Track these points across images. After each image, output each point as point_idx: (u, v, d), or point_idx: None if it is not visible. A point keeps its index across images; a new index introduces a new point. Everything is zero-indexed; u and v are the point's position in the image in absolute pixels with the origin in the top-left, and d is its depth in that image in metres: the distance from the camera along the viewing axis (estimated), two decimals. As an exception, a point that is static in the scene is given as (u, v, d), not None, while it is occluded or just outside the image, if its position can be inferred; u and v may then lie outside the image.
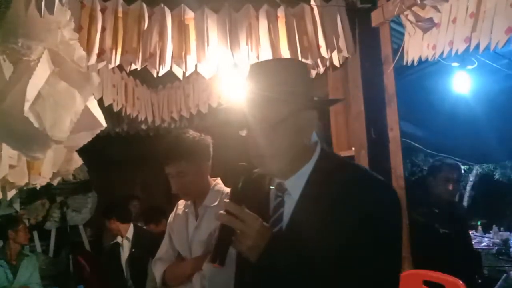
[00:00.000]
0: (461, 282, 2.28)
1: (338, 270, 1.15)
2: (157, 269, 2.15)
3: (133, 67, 2.59)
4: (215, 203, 2.02)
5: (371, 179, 1.29)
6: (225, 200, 1.27)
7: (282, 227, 1.30)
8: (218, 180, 2.14)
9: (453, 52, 2.32)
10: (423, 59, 2.57)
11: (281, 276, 1.20)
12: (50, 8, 1.74)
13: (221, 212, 1.22)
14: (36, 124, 1.75)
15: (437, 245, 3.13)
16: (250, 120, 1.29)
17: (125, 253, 4.13)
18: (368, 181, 1.28)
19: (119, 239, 4.18)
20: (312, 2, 2.73)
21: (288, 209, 1.31)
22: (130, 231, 4.14)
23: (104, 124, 2.26)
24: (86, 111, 2.15)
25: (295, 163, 1.31)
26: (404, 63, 2.69)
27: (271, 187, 1.40)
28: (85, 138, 2.27)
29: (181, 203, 2.21)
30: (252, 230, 1.19)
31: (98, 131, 2.28)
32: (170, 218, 2.25)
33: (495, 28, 2.05)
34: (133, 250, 4.03)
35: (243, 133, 1.32)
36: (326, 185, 1.26)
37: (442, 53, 2.40)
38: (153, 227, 4.71)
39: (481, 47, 2.13)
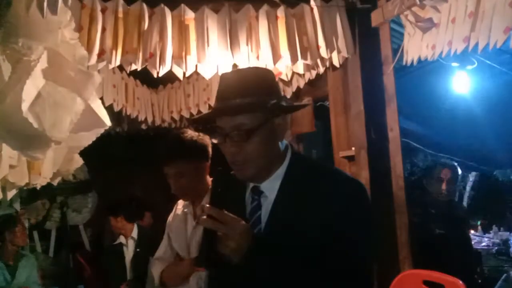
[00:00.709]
0: (461, 282, 2.28)
1: (317, 266, 1.21)
2: (155, 269, 2.15)
3: (133, 67, 2.60)
4: None
5: (341, 176, 1.41)
6: (205, 205, 1.28)
7: (261, 229, 1.35)
8: None
9: (452, 52, 2.33)
10: (422, 59, 2.57)
11: (263, 276, 1.23)
12: (53, 8, 1.74)
13: (203, 217, 1.23)
14: (35, 125, 1.75)
15: (434, 245, 3.14)
16: (225, 128, 1.32)
17: (130, 253, 4.13)
18: (338, 178, 1.39)
19: (122, 239, 4.18)
20: (312, 3, 2.73)
21: (265, 211, 1.36)
22: (134, 231, 4.15)
23: (109, 123, 2.27)
24: (90, 110, 2.15)
25: (270, 166, 1.37)
26: (404, 63, 2.70)
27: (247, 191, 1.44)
28: (89, 137, 2.27)
29: (180, 203, 2.21)
30: (235, 232, 1.21)
31: (102, 131, 2.29)
32: (170, 218, 2.25)
33: (494, 28, 2.06)
34: (138, 250, 4.03)
35: (215, 140, 1.37)
36: (300, 185, 1.33)
37: (442, 53, 2.40)
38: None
39: (480, 47, 2.13)
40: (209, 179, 2.11)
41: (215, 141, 1.37)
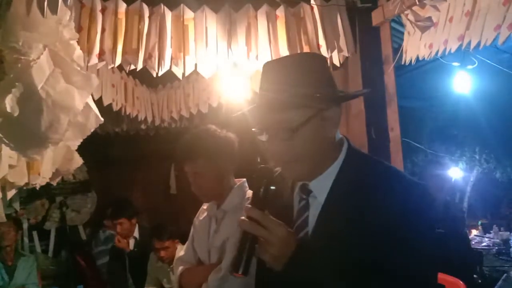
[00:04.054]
0: (461, 282, 2.27)
1: (369, 277, 1.08)
2: (176, 269, 2.07)
3: (133, 67, 2.59)
4: (234, 207, 1.88)
5: (403, 180, 1.20)
6: (246, 205, 1.16)
7: (308, 232, 1.21)
8: (243, 181, 1.98)
9: (447, 51, 2.32)
10: (420, 58, 2.57)
11: (308, 286, 1.11)
12: (53, 8, 1.73)
13: (243, 218, 1.13)
14: (31, 126, 1.75)
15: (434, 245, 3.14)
16: (268, 124, 1.18)
17: None
18: (400, 182, 1.19)
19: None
20: (312, 2, 2.72)
21: (313, 213, 1.22)
22: (136, 230, 4.15)
23: (101, 119, 2.26)
24: (88, 109, 2.15)
25: (320, 164, 1.23)
26: (403, 63, 2.69)
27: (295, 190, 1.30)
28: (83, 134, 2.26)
29: (206, 204, 2.08)
30: (277, 237, 1.10)
31: (97, 126, 2.27)
32: (196, 218, 2.13)
33: (486, 26, 2.05)
34: (135, 249, 4.03)
35: (263, 138, 1.21)
36: (355, 186, 1.17)
37: (438, 51, 2.40)
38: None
39: (472, 45, 2.13)
40: (234, 181, 1.97)
41: (262, 138, 1.21)
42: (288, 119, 1.15)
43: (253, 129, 1.23)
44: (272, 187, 1.20)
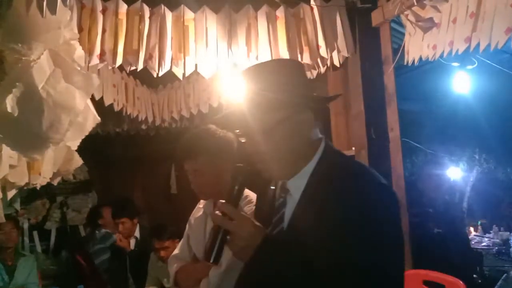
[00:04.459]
0: (461, 282, 2.28)
1: (335, 274, 1.10)
2: (171, 267, 2.09)
3: (133, 67, 2.59)
4: None
5: (371, 181, 1.23)
6: (220, 201, 1.27)
7: (284, 227, 1.29)
8: None
9: (453, 52, 2.32)
10: (423, 59, 2.57)
11: (272, 278, 1.18)
12: (52, 8, 1.74)
13: (216, 212, 1.24)
14: (32, 126, 1.75)
15: (434, 245, 3.14)
16: (246, 125, 1.27)
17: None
18: (367, 183, 1.22)
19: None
20: (312, 2, 2.73)
21: (289, 210, 1.30)
22: (137, 230, 4.16)
23: (99, 118, 2.27)
24: (87, 109, 2.16)
25: (296, 163, 1.29)
26: (405, 63, 2.70)
27: (272, 187, 1.40)
28: (82, 134, 2.27)
29: (202, 202, 2.11)
30: (244, 231, 1.20)
31: (94, 125, 2.28)
32: (191, 216, 2.16)
33: (495, 28, 2.05)
34: (136, 249, 4.04)
35: (243, 139, 1.31)
36: (326, 185, 1.21)
37: (443, 53, 2.40)
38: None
39: (481, 47, 2.13)
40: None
41: (242, 140, 1.34)
42: (261, 120, 1.24)
43: (236, 131, 1.33)
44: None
